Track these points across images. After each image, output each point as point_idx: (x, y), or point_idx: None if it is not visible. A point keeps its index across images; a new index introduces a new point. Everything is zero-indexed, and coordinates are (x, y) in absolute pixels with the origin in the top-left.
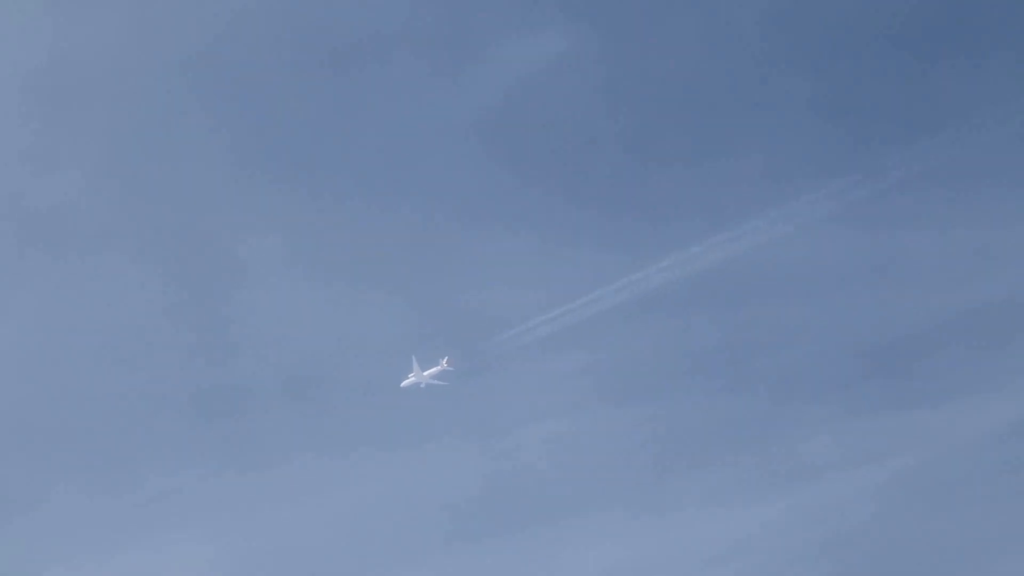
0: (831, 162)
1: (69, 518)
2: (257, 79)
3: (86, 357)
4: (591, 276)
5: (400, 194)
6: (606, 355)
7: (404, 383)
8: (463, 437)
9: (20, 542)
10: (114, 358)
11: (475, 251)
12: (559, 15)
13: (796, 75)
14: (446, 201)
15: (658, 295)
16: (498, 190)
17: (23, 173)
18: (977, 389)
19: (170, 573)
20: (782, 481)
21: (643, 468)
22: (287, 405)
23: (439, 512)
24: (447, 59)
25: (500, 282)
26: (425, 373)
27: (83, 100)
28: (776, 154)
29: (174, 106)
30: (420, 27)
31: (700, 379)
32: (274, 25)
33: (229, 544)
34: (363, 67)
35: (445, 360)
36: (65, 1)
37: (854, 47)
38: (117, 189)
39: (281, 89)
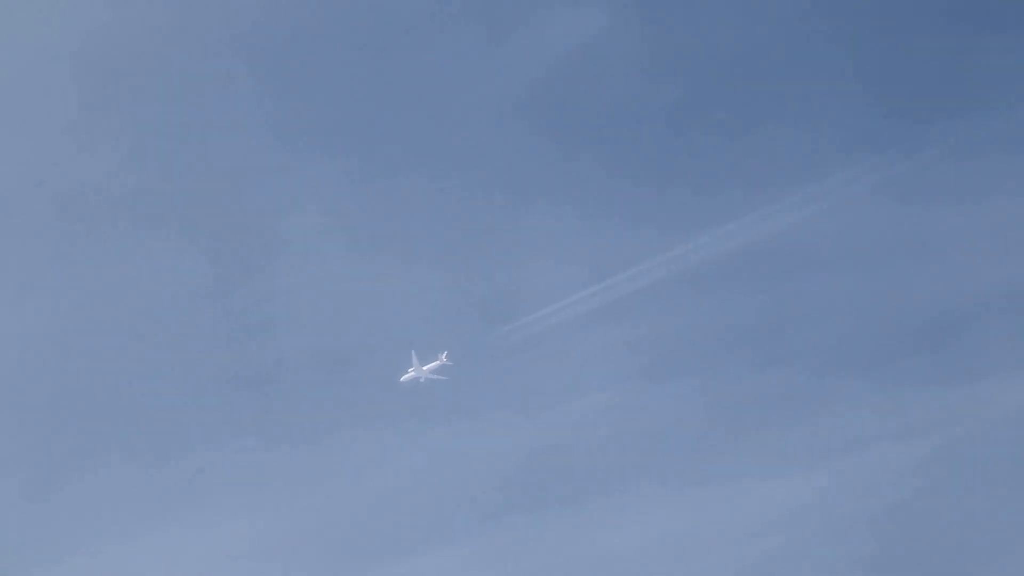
0: (872, 135)
1: (113, 492)
2: (300, 52)
3: (128, 333)
4: (633, 250)
5: (442, 168)
6: (649, 329)
7: (403, 378)
8: (507, 411)
9: (65, 514)
10: (156, 334)
11: (518, 225)
12: None
13: (837, 48)
14: (489, 175)
15: (700, 269)
16: (540, 164)
17: (65, 149)
18: (1022, 363)
19: (213, 547)
20: (825, 454)
21: (686, 441)
22: (330, 380)
23: (484, 486)
24: (490, 32)
25: (543, 256)
26: (425, 368)
27: (124, 75)
28: (816, 127)
29: (217, 80)
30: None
31: (742, 353)
32: None
33: (273, 518)
34: (406, 40)
35: (444, 355)
36: None
37: (895, 20)
38: (158, 165)
39: (324, 63)
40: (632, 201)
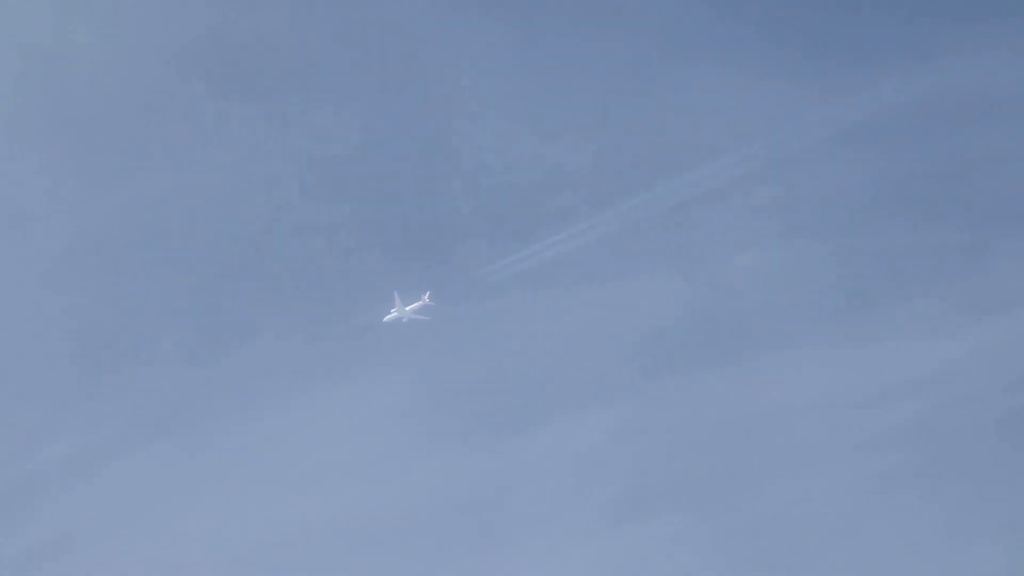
0: None
1: (277, 355)
2: None
3: (292, 191)
4: (789, 110)
5: (601, 29)
6: (806, 188)
7: (386, 318)
8: (663, 269)
9: (226, 378)
10: (319, 191)
11: (675, 85)
12: None
13: None
14: (647, 36)
15: (858, 127)
16: (695, 23)
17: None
18: None
19: (375, 406)
20: (985, 313)
21: (842, 300)
22: (494, 240)
23: (640, 345)
24: None
25: (699, 116)
26: (407, 308)
27: None
28: None
29: None
30: None
31: (900, 211)
32: None
33: (437, 377)
34: None
35: (427, 295)
36: None
37: None
38: (313, 25)
39: None
40: (788, 59)
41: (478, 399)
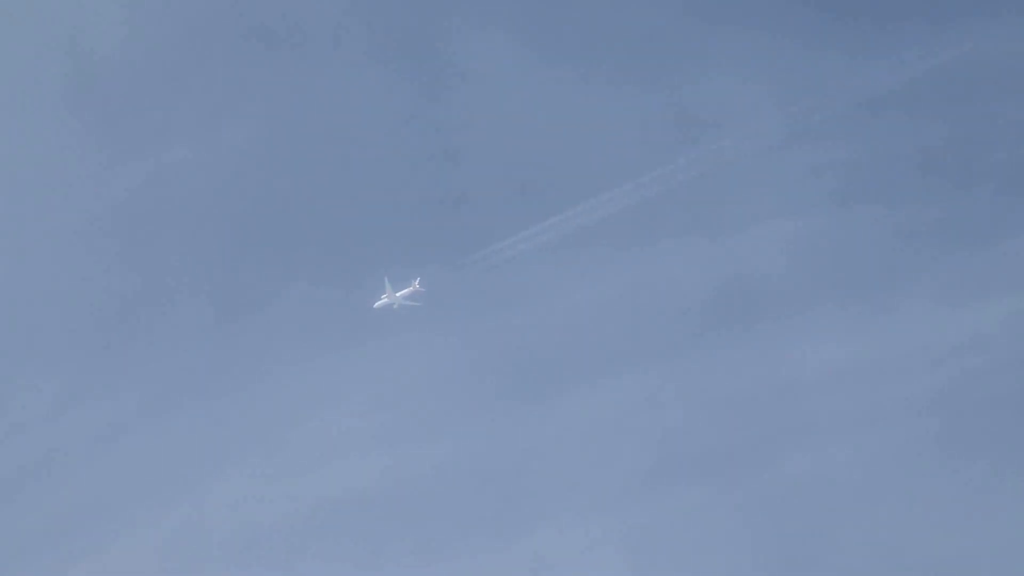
0: None
1: (303, 316)
2: None
3: (320, 159)
4: (819, 75)
5: None
6: (838, 154)
7: (376, 304)
8: (693, 236)
9: (253, 339)
10: (345, 158)
11: (700, 51)
12: None
13: None
14: (671, 1)
15: (888, 94)
16: None
17: None
18: None
19: (409, 366)
20: (1011, 281)
21: (873, 267)
22: (519, 203)
23: (674, 310)
24: None
25: (730, 79)
26: (398, 294)
27: None
28: None
29: None
30: None
31: (931, 177)
32: None
33: (468, 339)
34: None
35: (417, 282)
36: None
37: None
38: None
39: None
40: (818, 26)
41: (505, 369)
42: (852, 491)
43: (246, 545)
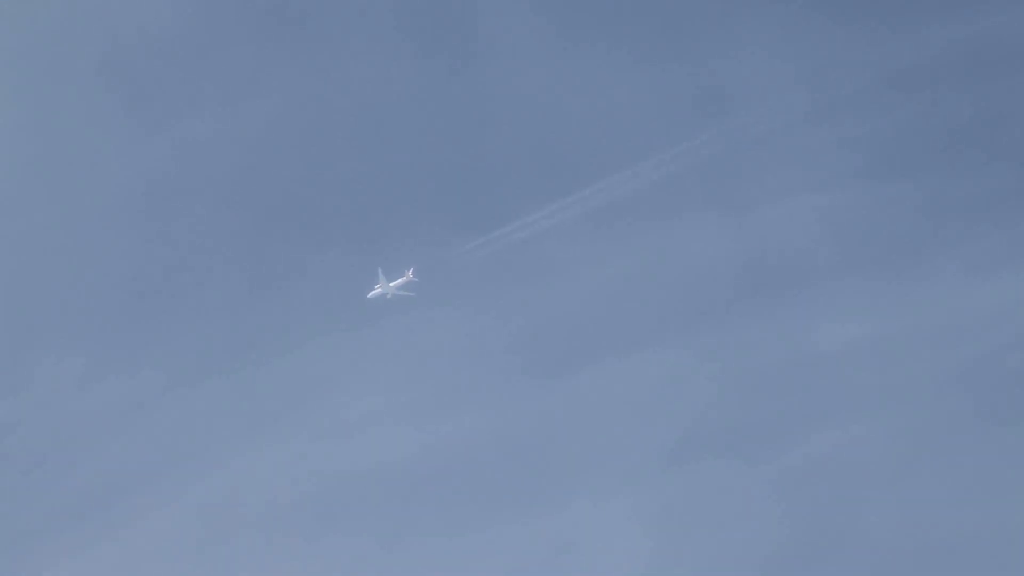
0: None
1: (325, 291)
2: None
3: (337, 135)
4: (846, 50)
5: None
6: (865, 129)
7: (370, 294)
8: (718, 211)
9: (276, 314)
10: (369, 129)
11: (720, 27)
12: None
13: None
14: None
15: (915, 68)
16: None
17: None
18: None
19: (426, 347)
20: None
21: (900, 241)
22: (538, 177)
23: (696, 285)
24: None
25: (757, 53)
26: (392, 284)
27: None
28: None
29: None
30: None
31: (958, 151)
32: None
33: (496, 315)
34: None
35: (410, 271)
36: None
37: None
38: None
39: None
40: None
41: (532, 345)
42: (879, 466)
43: (270, 519)
